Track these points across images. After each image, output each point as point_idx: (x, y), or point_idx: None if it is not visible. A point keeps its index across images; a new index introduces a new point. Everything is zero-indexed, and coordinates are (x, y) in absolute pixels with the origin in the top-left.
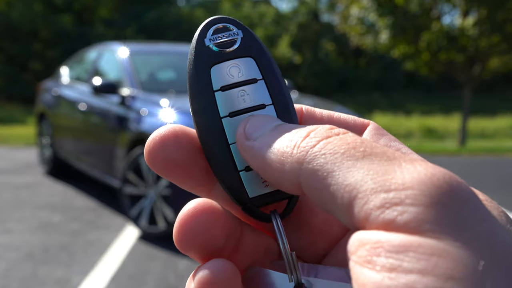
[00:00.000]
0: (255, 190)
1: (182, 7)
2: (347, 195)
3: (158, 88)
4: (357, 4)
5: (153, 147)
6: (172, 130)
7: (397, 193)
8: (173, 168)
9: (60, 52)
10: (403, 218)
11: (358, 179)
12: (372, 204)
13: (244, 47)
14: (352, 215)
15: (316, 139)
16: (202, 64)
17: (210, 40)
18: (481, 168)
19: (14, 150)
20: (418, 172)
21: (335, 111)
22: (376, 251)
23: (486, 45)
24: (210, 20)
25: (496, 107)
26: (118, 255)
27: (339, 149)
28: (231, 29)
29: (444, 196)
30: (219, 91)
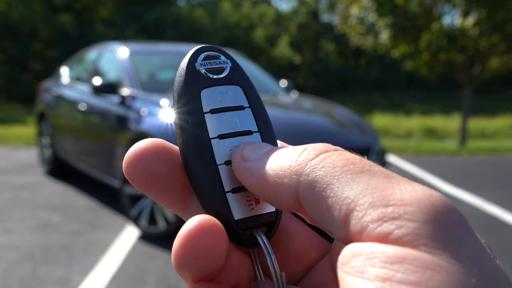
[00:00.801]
0: (240, 213)
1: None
2: (345, 208)
3: (158, 88)
4: (357, 4)
5: (132, 159)
6: (153, 144)
7: (395, 208)
8: (152, 181)
9: (60, 52)
10: (400, 231)
11: (357, 192)
12: (370, 217)
13: (233, 76)
14: (347, 228)
15: (314, 152)
16: (193, 86)
17: (201, 65)
18: (481, 168)
19: (14, 150)
20: (416, 191)
21: (335, 111)
22: (370, 261)
23: (486, 45)
24: (200, 47)
25: (496, 107)
26: (118, 255)
27: (338, 163)
28: (220, 58)
29: (441, 215)
30: (209, 113)
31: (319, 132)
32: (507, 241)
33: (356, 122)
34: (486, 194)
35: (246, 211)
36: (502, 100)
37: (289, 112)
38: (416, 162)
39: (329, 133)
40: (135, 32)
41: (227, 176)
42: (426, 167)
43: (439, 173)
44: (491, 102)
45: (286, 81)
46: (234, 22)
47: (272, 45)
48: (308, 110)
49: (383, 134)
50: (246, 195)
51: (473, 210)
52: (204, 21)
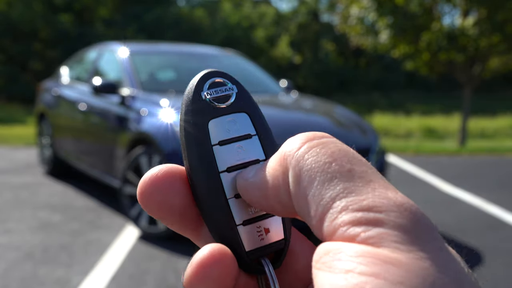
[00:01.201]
0: (251, 244)
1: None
2: (321, 208)
3: (158, 88)
4: (357, 4)
5: (147, 189)
6: (167, 172)
7: (365, 214)
8: (166, 211)
9: (60, 52)
10: (366, 234)
11: (333, 194)
12: (341, 221)
13: (239, 103)
14: (321, 227)
15: (301, 141)
16: (200, 117)
17: (207, 94)
18: (481, 168)
19: (14, 150)
20: (388, 198)
21: (335, 111)
22: (337, 256)
23: (486, 45)
24: (205, 73)
25: (496, 107)
26: (118, 255)
27: (322, 157)
28: (226, 84)
29: (409, 222)
30: (217, 145)
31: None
32: (507, 241)
33: (356, 122)
34: (486, 194)
35: (256, 241)
36: (502, 100)
37: (289, 112)
38: (416, 162)
39: (329, 133)
40: (135, 32)
41: (238, 209)
42: (426, 167)
43: (439, 173)
44: (491, 102)
45: (286, 81)
46: (234, 22)
47: (272, 45)
48: (308, 110)
49: (383, 134)
50: (256, 226)
51: (473, 210)
52: (204, 21)
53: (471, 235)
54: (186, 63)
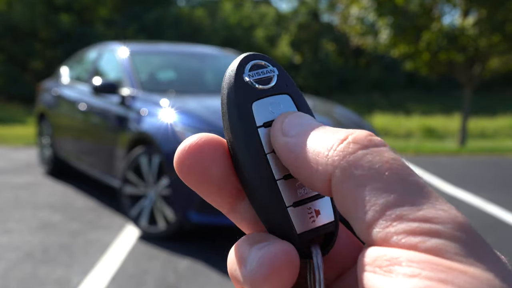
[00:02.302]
0: (302, 226)
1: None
2: (372, 214)
3: (158, 88)
4: (357, 4)
5: (187, 155)
6: (209, 140)
7: (421, 224)
8: (206, 182)
9: (61, 52)
10: (424, 245)
11: (388, 202)
12: (395, 229)
13: (281, 85)
14: (370, 232)
15: (355, 146)
16: (244, 99)
17: (249, 76)
18: (481, 168)
19: (14, 150)
20: (443, 210)
21: (335, 111)
22: (397, 260)
23: (486, 45)
24: (246, 55)
25: (496, 107)
26: (118, 255)
27: (376, 164)
28: (267, 66)
29: (466, 235)
30: (262, 127)
31: None
32: (507, 241)
33: (356, 122)
34: (486, 194)
35: (307, 224)
36: (502, 100)
37: None
38: (416, 162)
39: None
40: (135, 32)
41: (287, 191)
42: (426, 167)
43: (439, 173)
44: (491, 102)
45: None
46: (235, 22)
47: (272, 45)
48: None
49: (383, 134)
50: (307, 207)
51: (473, 210)
52: (204, 21)
53: None
54: (186, 63)
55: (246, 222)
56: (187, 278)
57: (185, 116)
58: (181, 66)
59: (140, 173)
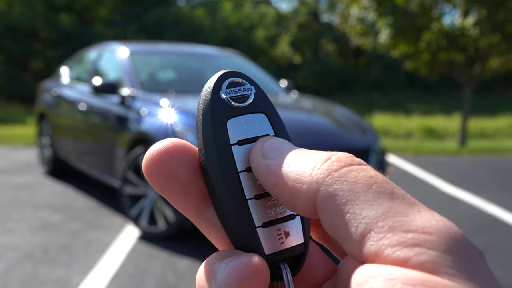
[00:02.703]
0: (270, 247)
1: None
2: (363, 227)
3: (158, 88)
4: (357, 4)
5: (155, 158)
6: (176, 144)
7: (415, 235)
8: (172, 184)
9: (61, 52)
10: (420, 258)
11: (378, 213)
12: (388, 241)
13: (257, 103)
14: (362, 247)
15: (339, 164)
16: (219, 116)
17: (226, 93)
18: (481, 168)
19: (14, 150)
20: (436, 220)
21: (335, 111)
22: (390, 282)
23: (486, 45)
24: (223, 73)
25: (496, 107)
26: (118, 255)
27: (361, 180)
28: (244, 84)
29: (460, 247)
30: (236, 144)
31: (319, 132)
32: (507, 241)
33: (356, 122)
34: (486, 194)
35: (276, 245)
36: (502, 100)
37: (289, 112)
38: (416, 162)
39: (329, 133)
40: (135, 32)
41: (257, 211)
42: (426, 167)
43: (439, 173)
44: (491, 102)
45: (286, 81)
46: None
47: (272, 45)
48: (308, 110)
49: (383, 134)
50: (276, 228)
51: (473, 210)
52: (204, 21)
53: (471, 235)
54: (186, 63)
55: (214, 231)
56: (187, 278)
57: (185, 116)
58: (181, 66)
59: (140, 173)
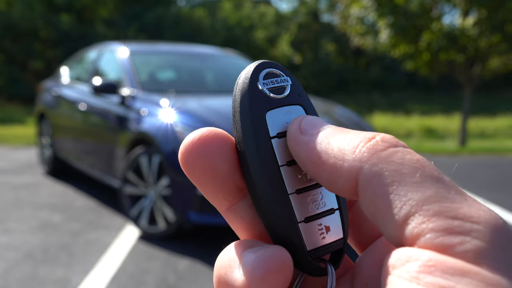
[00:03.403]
0: (312, 243)
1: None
2: (407, 208)
3: (158, 88)
4: (357, 4)
5: (194, 148)
6: (215, 134)
7: (462, 223)
8: (208, 176)
9: (61, 52)
10: (463, 247)
11: (424, 196)
12: (432, 225)
13: (294, 95)
14: (403, 229)
15: (384, 144)
16: (258, 108)
17: (264, 85)
18: (481, 168)
19: (14, 150)
20: (483, 210)
21: (335, 111)
22: (429, 269)
23: (486, 45)
24: (260, 63)
25: (496, 107)
26: (118, 255)
27: (408, 162)
28: (281, 75)
29: (505, 239)
30: (276, 137)
31: None
32: None
33: (356, 122)
34: (486, 194)
35: (318, 240)
36: (502, 100)
37: None
38: None
39: None
40: (135, 32)
41: (299, 205)
42: None
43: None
44: (491, 102)
45: None
46: (234, 22)
47: (272, 45)
48: None
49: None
50: (317, 223)
51: None
52: (204, 21)
53: None
54: (186, 63)
55: (241, 222)
56: (187, 278)
57: (185, 116)
58: (181, 66)
59: (140, 173)
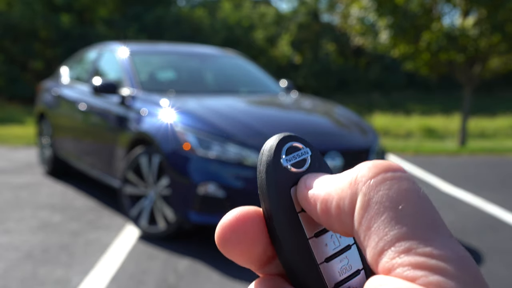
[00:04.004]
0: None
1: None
2: (383, 244)
3: (158, 88)
4: (357, 4)
5: (227, 230)
6: (247, 214)
7: (427, 259)
8: (242, 251)
9: (61, 52)
10: (427, 279)
11: (399, 234)
12: (401, 261)
13: (314, 166)
14: (378, 261)
15: (375, 169)
16: (283, 185)
17: (286, 161)
18: (481, 168)
19: (14, 150)
20: (452, 249)
21: (335, 111)
22: None
23: (486, 45)
24: (282, 138)
25: (496, 107)
26: (118, 255)
27: (394, 193)
28: (301, 148)
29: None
30: (302, 212)
31: (319, 132)
32: (507, 241)
33: (356, 122)
34: (486, 194)
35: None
36: (502, 100)
37: (289, 112)
38: (416, 162)
39: (329, 133)
40: (135, 32)
41: (328, 274)
42: (426, 167)
43: (439, 173)
44: (491, 102)
45: (286, 81)
46: (234, 22)
47: (272, 45)
48: (308, 110)
49: (383, 134)
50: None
51: (473, 210)
52: (204, 21)
53: (471, 235)
54: (186, 63)
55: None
56: (187, 278)
57: (185, 116)
58: (181, 66)
59: (140, 173)
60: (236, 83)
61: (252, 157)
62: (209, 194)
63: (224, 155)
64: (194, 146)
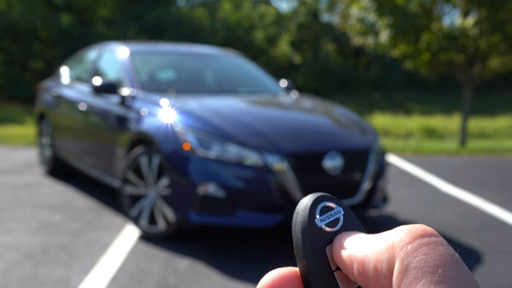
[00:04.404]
0: None
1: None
2: None
3: (158, 88)
4: (357, 4)
5: None
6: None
7: None
8: None
9: (61, 52)
10: None
11: None
12: None
13: (348, 224)
14: None
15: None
16: (318, 245)
17: (321, 221)
18: (481, 168)
19: (14, 150)
20: None
21: (335, 111)
22: None
23: (486, 45)
24: (316, 198)
25: (496, 107)
26: (118, 255)
27: (430, 259)
28: (334, 208)
29: None
30: (338, 270)
31: (319, 132)
32: (507, 241)
33: (356, 122)
34: (486, 194)
35: None
36: (502, 100)
37: (289, 112)
38: (416, 162)
39: (329, 133)
40: (135, 32)
41: None
42: (426, 167)
43: (439, 173)
44: (491, 102)
45: (286, 81)
46: (234, 22)
47: (272, 45)
48: (308, 110)
49: (383, 134)
50: None
51: (473, 210)
52: (204, 21)
53: (471, 235)
54: (186, 63)
55: None
56: (187, 278)
57: (185, 116)
58: (181, 66)
59: (140, 173)
60: (236, 83)
61: (252, 157)
62: (209, 194)
63: (224, 155)
64: (194, 146)
